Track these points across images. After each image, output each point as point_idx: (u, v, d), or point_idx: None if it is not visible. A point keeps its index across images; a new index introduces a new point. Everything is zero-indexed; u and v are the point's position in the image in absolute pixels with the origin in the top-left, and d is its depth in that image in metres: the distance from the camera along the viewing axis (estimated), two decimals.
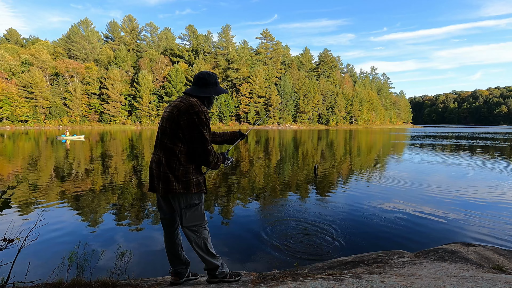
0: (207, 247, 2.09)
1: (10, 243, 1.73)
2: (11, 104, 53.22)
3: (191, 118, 1.92)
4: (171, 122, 1.97)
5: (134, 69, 67.26)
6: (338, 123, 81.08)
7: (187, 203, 2.01)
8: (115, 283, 2.17)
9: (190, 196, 2.02)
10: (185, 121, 1.93)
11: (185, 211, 2.02)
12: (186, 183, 1.97)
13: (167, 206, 2.14)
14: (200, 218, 2.08)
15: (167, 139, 1.99)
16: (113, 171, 10.24)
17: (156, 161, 2.03)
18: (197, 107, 1.96)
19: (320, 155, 16.57)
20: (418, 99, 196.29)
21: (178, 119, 1.94)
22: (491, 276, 2.06)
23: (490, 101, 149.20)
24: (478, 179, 9.30)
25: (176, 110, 1.97)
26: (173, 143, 1.97)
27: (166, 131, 2.00)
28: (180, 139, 1.97)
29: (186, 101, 2.00)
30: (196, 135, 1.94)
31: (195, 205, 2.04)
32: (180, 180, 1.96)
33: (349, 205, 6.21)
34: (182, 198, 2.00)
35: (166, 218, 2.18)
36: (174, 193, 1.98)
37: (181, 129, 1.95)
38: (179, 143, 1.97)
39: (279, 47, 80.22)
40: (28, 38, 77.89)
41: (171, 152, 1.97)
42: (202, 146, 1.96)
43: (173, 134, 1.97)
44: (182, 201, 2.01)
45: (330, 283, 1.92)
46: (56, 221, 5.06)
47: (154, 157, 2.08)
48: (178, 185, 1.96)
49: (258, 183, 8.64)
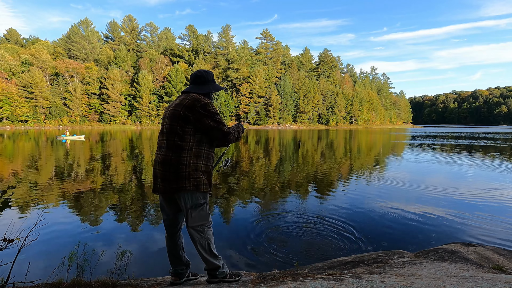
0: (210, 247, 2.10)
1: (10, 243, 1.73)
2: (11, 104, 53.20)
3: (199, 112, 1.96)
4: (178, 119, 1.98)
5: (134, 69, 67.24)
6: (338, 123, 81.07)
7: (193, 203, 2.02)
8: (115, 283, 2.17)
9: (197, 196, 2.02)
10: (195, 116, 1.96)
11: (191, 211, 2.02)
12: (196, 181, 1.99)
13: (169, 207, 2.14)
14: (206, 218, 2.09)
15: (176, 137, 1.99)
16: (113, 171, 10.23)
17: (161, 161, 2.03)
18: (202, 100, 2.01)
19: (320, 155, 16.57)
20: (418, 99, 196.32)
21: (186, 115, 1.96)
22: (491, 276, 2.06)
23: (490, 101, 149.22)
24: (478, 179, 9.30)
25: (181, 107, 1.99)
26: (182, 140, 1.98)
27: (173, 129, 2.00)
28: (189, 134, 1.99)
29: (189, 97, 2.04)
30: (211, 124, 1.99)
31: (200, 205, 2.05)
32: (191, 177, 1.97)
33: (349, 205, 6.21)
34: (189, 197, 2.00)
35: (168, 219, 2.18)
36: (183, 191, 1.98)
37: (192, 124, 1.98)
38: (189, 140, 1.99)
39: (279, 47, 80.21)
40: (28, 38, 77.92)
41: (181, 149, 1.98)
42: (220, 130, 2.02)
43: (183, 131, 1.98)
44: (188, 200, 2.01)
45: (330, 283, 1.92)
46: (56, 221, 5.07)
47: (158, 157, 2.07)
48: (189, 182, 1.97)
49: (258, 183, 8.64)
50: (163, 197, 2.13)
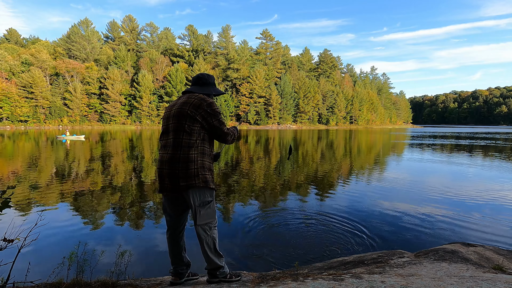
0: (215, 246, 2.12)
1: (10, 243, 1.73)
2: (11, 104, 53.20)
3: (206, 110, 2.05)
4: (186, 118, 2.03)
5: (134, 69, 67.24)
6: (338, 123, 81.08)
7: (201, 200, 2.04)
8: (115, 283, 2.17)
9: (205, 193, 2.06)
10: (201, 114, 2.04)
11: (199, 209, 2.04)
12: (205, 177, 2.04)
13: (174, 208, 2.16)
14: (213, 215, 2.12)
15: (184, 135, 2.03)
16: (113, 171, 10.23)
17: (168, 160, 2.04)
18: (208, 99, 2.11)
19: (320, 155, 16.57)
20: (418, 99, 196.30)
21: (194, 113, 2.03)
22: (491, 276, 2.06)
23: (490, 101, 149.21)
24: (478, 179, 9.30)
25: (188, 105, 2.05)
26: (190, 138, 2.03)
27: (181, 127, 2.04)
28: (196, 132, 2.05)
29: (195, 96, 2.11)
30: (215, 123, 2.09)
31: (208, 203, 2.08)
32: (199, 174, 2.02)
33: (349, 205, 6.21)
34: (198, 194, 2.03)
35: (172, 220, 2.19)
36: (193, 188, 2.01)
37: (198, 122, 2.04)
38: (196, 137, 2.05)
39: (279, 47, 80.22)
40: (28, 38, 77.91)
41: (189, 147, 2.02)
42: (221, 130, 2.13)
43: (190, 129, 2.03)
44: (197, 198, 2.03)
45: (330, 283, 1.92)
46: (56, 221, 5.07)
47: (164, 157, 2.07)
48: (198, 179, 2.01)
49: (258, 183, 8.64)
50: (168, 197, 2.14)
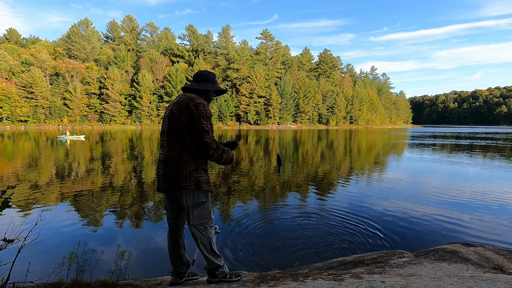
0: (211, 246, 2.11)
1: (10, 243, 1.73)
2: (11, 104, 53.17)
3: (191, 111, 1.97)
4: (175, 119, 2.00)
5: (134, 69, 67.21)
6: (338, 123, 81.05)
7: (195, 201, 2.04)
8: (115, 283, 2.17)
9: (199, 194, 2.04)
10: (186, 115, 1.97)
11: (192, 210, 2.04)
12: (197, 179, 2.01)
13: (173, 207, 2.16)
14: (207, 216, 2.11)
15: (175, 136, 2.01)
16: (113, 171, 10.23)
17: (163, 160, 2.06)
18: (196, 100, 2.01)
19: (320, 155, 16.56)
20: (418, 99, 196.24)
21: (180, 115, 1.98)
22: (491, 276, 2.06)
23: (490, 101, 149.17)
24: (478, 179, 9.30)
25: (177, 106, 2.02)
26: (182, 139, 2.00)
27: (172, 129, 2.02)
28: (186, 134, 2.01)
29: (185, 96, 2.06)
30: (196, 127, 1.96)
31: (202, 203, 2.07)
32: (191, 176, 2.00)
33: (349, 205, 6.21)
34: (191, 195, 2.02)
35: (171, 218, 2.20)
36: (185, 190, 1.99)
37: (184, 124, 1.98)
38: (187, 139, 2.00)
39: (279, 47, 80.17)
40: (28, 38, 77.86)
41: (181, 148, 2.01)
42: (201, 138, 1.97)
43: (181, 130, 2.01)
44: (190, 199, 2.02)
45: (330, 283, 1.92)
46: (56, 221, 5.06)
47: (161, 157, 2.10)
48: (190, 182, 1.99)
49: (258, 183, 8.64)
50: (166, 196, 2.15)
